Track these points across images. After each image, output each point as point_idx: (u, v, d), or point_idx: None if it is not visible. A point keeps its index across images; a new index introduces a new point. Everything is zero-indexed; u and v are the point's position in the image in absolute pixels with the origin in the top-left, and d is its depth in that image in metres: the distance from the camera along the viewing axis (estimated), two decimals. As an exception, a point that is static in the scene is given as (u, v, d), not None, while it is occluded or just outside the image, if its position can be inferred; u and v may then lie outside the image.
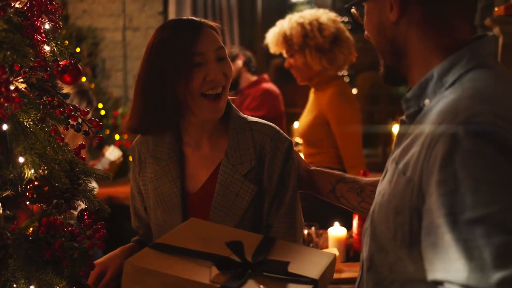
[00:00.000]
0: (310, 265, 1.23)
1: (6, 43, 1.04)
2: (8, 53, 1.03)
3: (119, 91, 4.61)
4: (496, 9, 3.32)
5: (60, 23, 1.34)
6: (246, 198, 1.49)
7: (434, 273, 0.86)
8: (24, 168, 1.19)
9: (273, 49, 2.92)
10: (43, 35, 1.30)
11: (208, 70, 1.46)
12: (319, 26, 2.75)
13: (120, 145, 4.22)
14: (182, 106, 1.50)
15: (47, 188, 1.19)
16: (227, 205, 1.50)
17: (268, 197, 1.51)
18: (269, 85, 3.52)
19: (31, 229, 1.18)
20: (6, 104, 1.01)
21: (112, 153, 3.39)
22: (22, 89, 1.21)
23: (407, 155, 0.95)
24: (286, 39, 2.80)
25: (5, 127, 1.12)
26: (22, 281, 1.16)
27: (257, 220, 1.52)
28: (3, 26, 1.10)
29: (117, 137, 4.25)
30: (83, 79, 4.12)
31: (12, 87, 1.01)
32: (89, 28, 4.54)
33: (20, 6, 1.28)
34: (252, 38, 4.65)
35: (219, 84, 1.48)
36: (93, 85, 4.21)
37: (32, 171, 1.18)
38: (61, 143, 1.24)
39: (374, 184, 1.38)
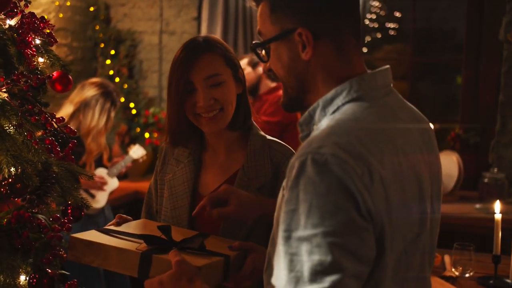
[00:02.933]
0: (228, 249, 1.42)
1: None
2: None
3: (154, 91, 4.83)
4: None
5: (55, 37, 1.52)
6: None
7: (271, 277, 0.98)
8: (3, 167, 1.37)
9: None
10: (33, 49, 1.48)
11: (197, 97, 1.58)
12: None
13: (150, 143, 4.44)
14: None
15: (19, 185, 1.36)
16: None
17: None
18: (286, 92, 3.62)
19: (5, 220, 1.36)
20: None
21: (136, 152, 3.58)
22: (5, 98, 1.40)
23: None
24: None
25: (-20, 131, 1.29)
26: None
27: (269, 230, 1.63)
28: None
29: (147, 135, 4.47)
30: (116, 79, 4.36)
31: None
32: (128, 31, 4.78)
33: (14, 24, 1.47)
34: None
35: (209, 109, 1.58)
36: (126, 86, 4.45)
37: (9, 170, 1.36)
38: (36, 146, 1.41)
39: None
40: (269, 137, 1.72)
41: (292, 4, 1.07)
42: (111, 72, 4.43)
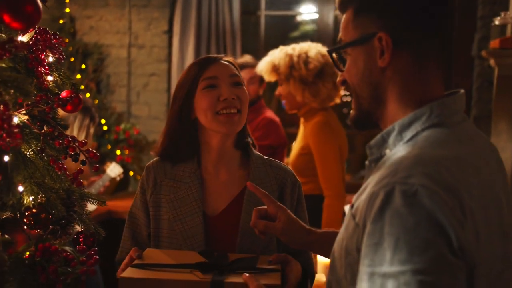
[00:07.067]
0: None
1: (10, 82, 1.11)
2: (12, 91, 1.11)
3: (122, 106, 4.69)
4: (491, 42, 3.39)
5: (64, 55, 1.42)
6: None
7: None
8: (23, 195, 1.26)
9: (265, 77, 3.05)
10: (46, 67, 1.38)
11: (221, 90, 1.60)
12: (305, 59, 2.90)
13: (121, 160, 4.29)
14: (200, 132, 1.66)
15: (44, 215, 1.26)
16: (254, 232, 1.57)
17: None
18: (270, 113, 3.54)
19: (27, 253, 1.25)
20: (8, 139, 1.08)
21: (113, 170, 3.45)
22: (25, 120, 1.29)
23: (359, 199, 0.98)
24: (274, 68, 2.94)
25: (6, 158, 1.18)
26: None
27: (283, 245, 1.62)
28: (8, 65, 1.18)
29: (118, 152, 4.33)
30: (87, 94, 4.22)
31: (14, 123, 1.08)
32: (95, 44, 4.63)
33: (26, 40, 1.36)
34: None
35: (232, 104, 1.59)
36: (96, 101, 4.30)
37: (31, 198, 1.25)
38: (59, 172, 1.31)
39: None
40: (265, 156, 1.75)
41: (377, 8, 1.04)
42: (82, 87, 4.27)
